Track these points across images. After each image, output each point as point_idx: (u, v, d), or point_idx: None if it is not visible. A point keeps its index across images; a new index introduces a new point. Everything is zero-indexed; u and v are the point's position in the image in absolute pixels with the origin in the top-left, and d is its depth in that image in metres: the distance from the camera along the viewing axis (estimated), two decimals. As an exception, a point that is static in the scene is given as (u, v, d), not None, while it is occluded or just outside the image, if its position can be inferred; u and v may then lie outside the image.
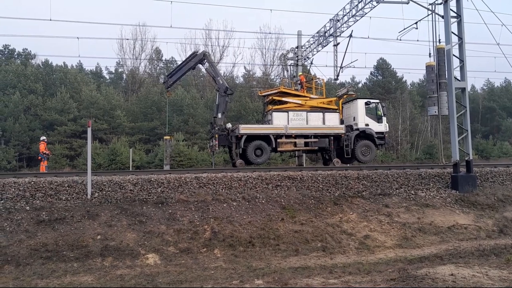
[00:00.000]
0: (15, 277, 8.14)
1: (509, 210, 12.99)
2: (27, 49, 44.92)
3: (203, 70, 20.43)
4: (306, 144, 18.97)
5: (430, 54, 15.34)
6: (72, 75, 39.66)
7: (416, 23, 16.98)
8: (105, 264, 8.89)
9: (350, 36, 22.04)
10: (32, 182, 11.30)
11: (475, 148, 37.20)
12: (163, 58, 48.89)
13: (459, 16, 14.96)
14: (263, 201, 11.98)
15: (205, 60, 19.72)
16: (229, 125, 18.90)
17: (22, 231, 9.62)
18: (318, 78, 23.34)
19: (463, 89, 15.02)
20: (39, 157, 19.33)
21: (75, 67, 45.16)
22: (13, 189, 10.91)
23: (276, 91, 20.17)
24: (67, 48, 56.88)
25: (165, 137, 21.65)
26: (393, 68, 50.53)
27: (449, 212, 12.62)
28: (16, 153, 31.31)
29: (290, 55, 26.23)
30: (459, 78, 14.97)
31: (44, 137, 20.50)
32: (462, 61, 14.90)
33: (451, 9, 14.89)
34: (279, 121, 18.84)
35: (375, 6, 19.69)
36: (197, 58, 19.52)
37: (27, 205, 10.52)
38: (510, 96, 57.10)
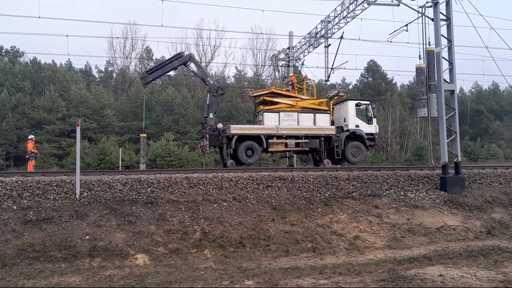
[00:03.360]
0: (1, 278, 8.01)
1: (497, 212, 13.15)
2: (15, 47, 44.48)
3: (195, 69, 20.21)
4: (297, 144, 19.00)
5: (420, 56, 15.47)
6: (61, 73, 39.20)
7: (406, 25, 17.11)
8: (94, 265, 8.78)
9: (341, 37, 22.15)
10: (20, 181, 11.12)
11: (463, 150, 37.64)
12: (154, 57, 48.60)
13: (448, 19, 15.12)
14: (253, 202, 11.96)
15: (190, 62, 19.54)
16: (220, 125, 18.84)
17: (9, 230, 9.46)
18: (309, 79, 23.36)
19: (452, 92, 15.19)
20: (27, 156, 19.04)
21: (64, 65, 44.71)
22: (0, 188, 10.74)
23: (267, 91, 20.16)
24: (56, 46, 56.21)
25: (141, 135, 21.32)
26: (383, 70, 51.00)
27: (437, 213, 12.74)
28: (3, 152, 30.85)
29: (282, 55, 26.28)
30: (448, 80, 15.13)
31: (32, 136, 20.22)
32: (451, 63, 15.06)
33: (441, 12, 15.05)
34: (270, 121, 18.83)
35: (366, 8, 19.80)
36: (182, 60, 19.29)
37: (14, 204, 10.36)
38: (498, 99, 57.94)
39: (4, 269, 8.37)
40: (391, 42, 18.16)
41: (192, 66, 19.74)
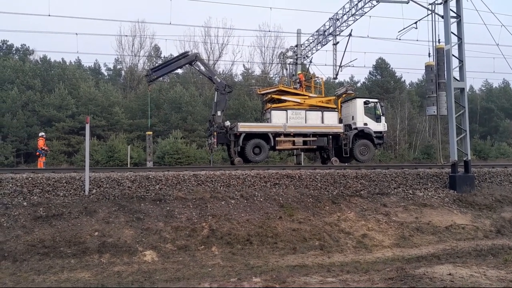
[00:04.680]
0: (12, 273, 8.12)
1: (507, 211, 13.02)
2: (25, 45, 44.81)
3: (202, 68, 20.19)
4: (304, 142, 18.96)
5: (429, 54, 15.32)
6: (71, 71, 39.48)
7: (415, 22, 16.96)
8: (103, 261, 8.86)
9: (350, 35, 22.03)
10: (30, 178, 11.26)
11: (473, 149, 37.22)
12: (162, 55, 48.68)
13: (458, 16, 14.96)
14: (261, 199, 11.97)
15: (196, 62, 19.54)
16: (227, 123, 18.86)
17: (19, 226, 9.59)
18: (317, 77, 23.31)
19: (462, 89, 15.04)
20: (37, 153, 19.26)
21: (73, 63, 45.01)
22: (10, 185, 10.87)
23: (275, 89, 20.15)
24: (65, 44, 56.79)
25: (147, 133, 21.32)
26: (392, 68, 50.51)
27: (446, 212, 12.64)
28: (13, 149, 31.18)
29: (290, 53, 26.20)
30: (458, 78, 14.98)
31: (43, 133, 20.41)
32: (461, 61, 14.90)
33: (451, 9, 14.89)
34: (278, 119, 18.81)
35: (374, 6, 19.69)
36: (188, 59, 19.32)
37: (24, 201, 10.49)
38: (508, 97, 57.17)
39: (14, 264, 8.48)
40: (400, 39, 18.02)
41: (198, 65, 19.77)
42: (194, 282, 7.44)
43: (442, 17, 14.98)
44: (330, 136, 19.15)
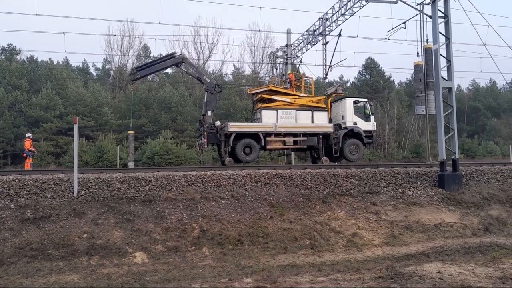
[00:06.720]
0: (-1, 276, 7.98)
1: (494, 208, 13.20)
2: (12, 44, 44.09)
3: (190, 69, 20.07)
4: (295, 142, 19.01)
5: (418, 53, 15.50)
6: (58, 71, 39.00)
7: (404, 22, 17.13)
8: (92, 263, 8.77)
9: (339, 35, 22.12)
10: (17, 180, 11.08)
11: (461, 147, 37.73)
12: (151, 55, 48.33)
13: (446, 16, 15.12)
14: (252, 199, 11.95)
15: (183, 64, 19.44)
16: (218, 123, 18.81)
17: (6, 229, 9.43)
18: (307, 77, 23.38)
19: (450, 89, 15.20)
20: (24, 154, 18.98)
21: (61, 63, 44.44)
22: (-3, 187, 10.68)
23: (265, 89, 20.16)
24: (53, 44, 55.90)
25: (129, 132, 21.00)
26: (381, 68, 50.89)
27: (435, 210, 12.77)
28: (0, 150, 30.73)
29: (280, 53, 26.23)
30: (446, 78, 15.14)
31: (30, 134, 20.12)
32: (449, 61, 15.07)
33: (438, 10, 15.05)
34: (268, 119, 18.84)
35: (364, 5, 19.80)
36: (174, 60, 19.19)
37: (11, 203, 10.32)
38: (495, 96, 58.00)
39: (1, 267, 8.34)
40: (389, 39, 18.18)
41: (186, 66, 19.66)
42: (185, 283, 7.40)
43: (430, 17, 15.14)
44: (320, 136, 19.23)
